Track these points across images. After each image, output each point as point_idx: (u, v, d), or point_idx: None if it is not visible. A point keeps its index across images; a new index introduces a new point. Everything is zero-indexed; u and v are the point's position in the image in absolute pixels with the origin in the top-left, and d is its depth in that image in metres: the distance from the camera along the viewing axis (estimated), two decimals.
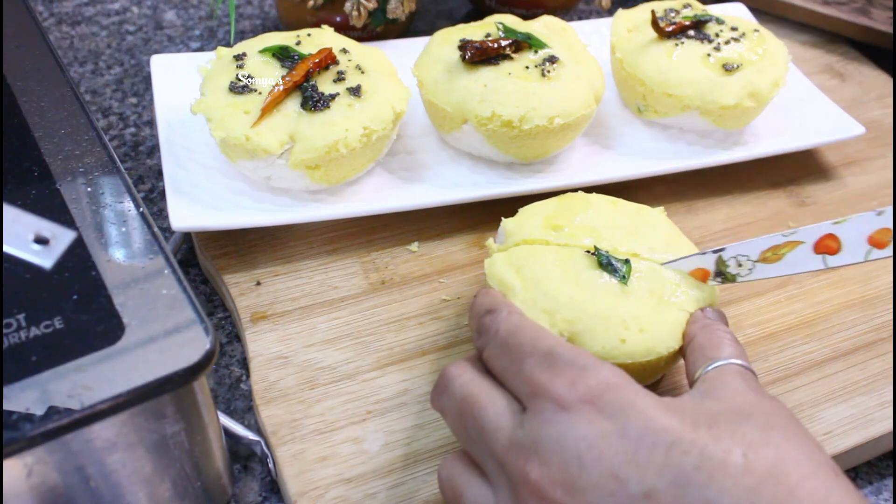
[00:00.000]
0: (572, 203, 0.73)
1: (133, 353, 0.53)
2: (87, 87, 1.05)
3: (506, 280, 0.66)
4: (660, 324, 0.64)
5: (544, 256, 0.67)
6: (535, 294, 0.65)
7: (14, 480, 0.51)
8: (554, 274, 0.66)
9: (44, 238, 0.58)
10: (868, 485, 0.72)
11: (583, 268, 0.66)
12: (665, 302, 0.66)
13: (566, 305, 0.64)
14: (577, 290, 0.65)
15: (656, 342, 0.64)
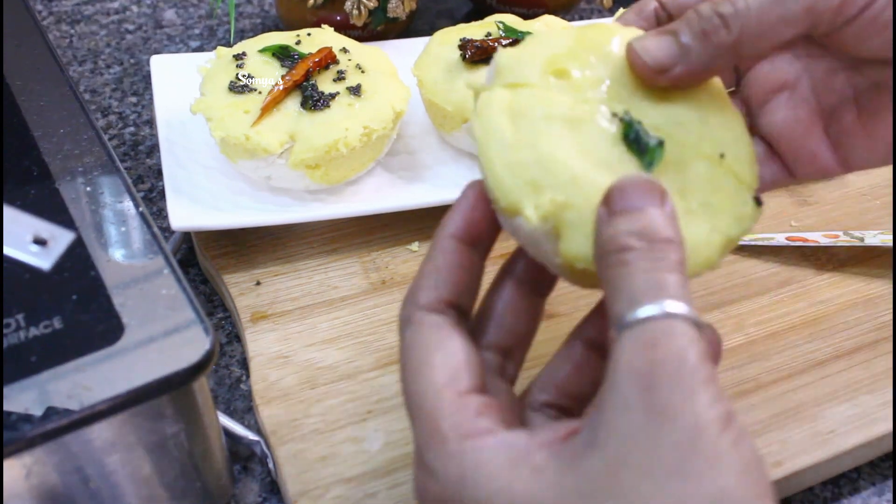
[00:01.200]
0: (597, 37, 0.55)
1: (133, 354, 0.53)
2: (87, 86, 1.05)
3: (493, 125, 0.51)
4: None
5: (554, 108, 0.51)
6: (525, 156, 0.49)
7: (13, 481, 0.51)
8: (560, 135, 0.50)
9: (43, 238, 0.58)
10: (871, 485, 0.71)
11: (600, 137, 0.51)
12: (693, 212, 0.50)
13: (563, 183, 0.48)
14: (584, 165, 0.49)
15: None
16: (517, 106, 0.51)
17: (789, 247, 0.84)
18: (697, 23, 0.50)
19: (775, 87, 0.58)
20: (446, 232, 0.51)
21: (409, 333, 0.50)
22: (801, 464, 0.67)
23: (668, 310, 0.42)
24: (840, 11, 0.48)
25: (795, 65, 0.57)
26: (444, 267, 0.50)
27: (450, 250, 0.51)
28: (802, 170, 0.57)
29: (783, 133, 0.57)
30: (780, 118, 0.57)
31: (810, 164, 0.56)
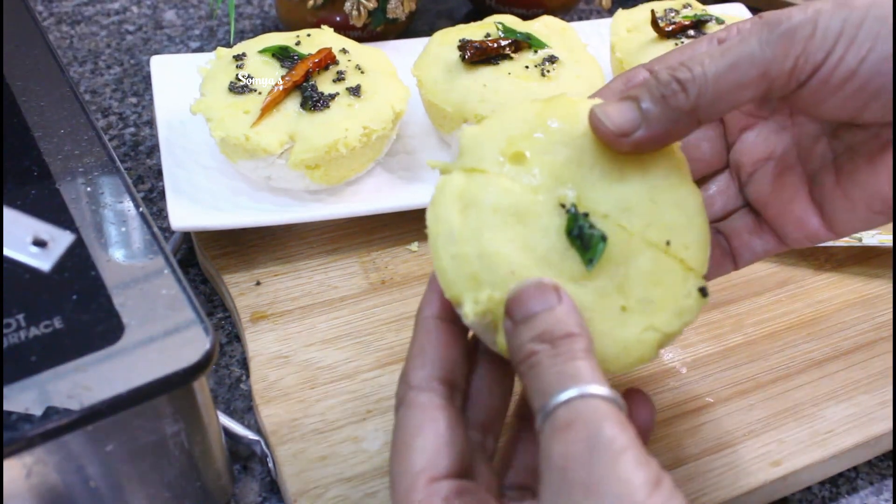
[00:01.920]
0: (558, 112, 0.55)
1: (133, 353, 0.53)
2: (87, 86, 1.05)
3: (443, 215, 0.52)
4: (610, 339, 0.50)
5: (504, 198, 0.51)
6: (469, 249, 0.50)
7: (14, 480, 0.51)
8: (505, 229, 0.50)
9: (42, 239, 0.58)
10: (869, 485, 0.71)
11: (546, 231, 0.51)
12: (630, 309, 0.50)
13: (501, 280, 0.49)
14: (525, 261, 0.50)
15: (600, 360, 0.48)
16: (469, 195, 0.52)
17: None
18: (657, 88, 0.51)
19: (763, 157, 0.60)
20: (425, 314, 0.55)
21: (399, 414, 0.52)
22: (799, 463, 0.68)
23: (575, 394, 0.44)
24: (792, 75, 0.50)
25: (781, 134, 0.59)
26: (429, 346, 0.53)
27: (432, 329, 0.54)
28: (792, 236, 0.58)
29: (770, 201, 0.59)
30: (767, 185, 0.59)
31: (798, 230, 0.57)
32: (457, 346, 0.54)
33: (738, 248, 0.60)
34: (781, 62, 0.49)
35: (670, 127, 0.51)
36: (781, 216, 0.58)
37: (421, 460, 0.49)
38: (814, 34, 0.49)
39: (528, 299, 0.48)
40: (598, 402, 0.44)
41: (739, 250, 0.60)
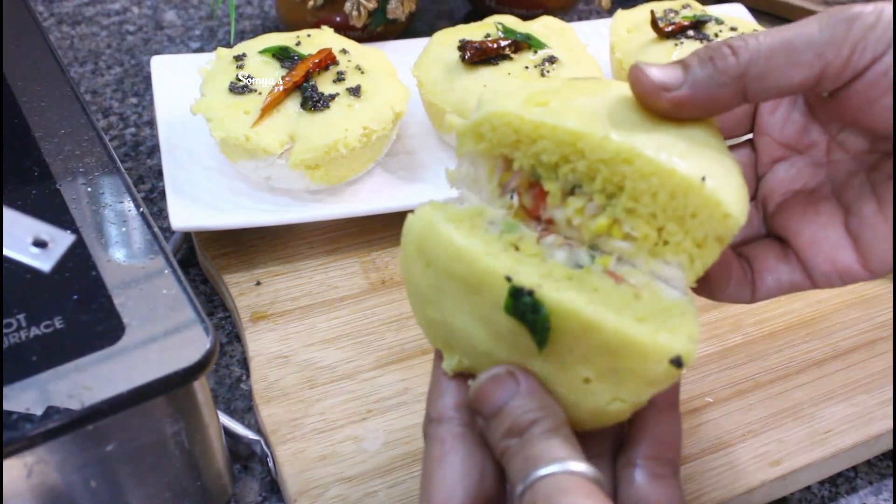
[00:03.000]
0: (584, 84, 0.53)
1: (133, 353, 0.53)
2: (88, 87, 1.05)
3: (411, 271, 0.52)
4: (579, 408, 0.49)
5: (455, 263, 0.49)
6: (435, 315, 0.51)
7: (14, 480, 0.51)
8: (460, 295, 0.49)
9: (43, 240, 0.58)
10: (868, 485, 0.72)
11: (497, 301, 0.48)
12: (598, 378, 0.48)
13: (467, 352, 0.51)
14: (482, 335, 0.49)
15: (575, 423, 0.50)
16: (427, 251, 0.50)
17: None
18: (706, 51, 0.49)
19: (794, 188, 0.57)
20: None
21: (426, 446, 0.53)
22: (798, 463, 0.68)
23: (534, 477, 0.45)
24: (848, 63, 0.47)
25: (816, 169, 0.56)
26: (443, 374, 0.53)
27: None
28: (821, 269, 0.54)
29: (802, 229, 0.55)
30: (799, 213, 0.56)
31: (829, 262, 0.54)
32: None
33: (762, 273, 0.56)
34: (839, 46, 0.47)
35: (714, 91, 0.48)
36: (813, 245, 0.54)
37: (438, 494, 0.50)
38: (876, 25, 0.47)
39: (489, 396, 0.49)
40: (560, 479, 0.45)
41: (762, 275, 0.56)
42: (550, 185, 0.50)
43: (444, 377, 0.53)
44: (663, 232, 0.48)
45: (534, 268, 0.48)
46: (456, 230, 0.49)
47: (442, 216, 0.51)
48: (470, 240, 0.49)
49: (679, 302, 0.48)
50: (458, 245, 0.48)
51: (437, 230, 0.50)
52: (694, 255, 0.48)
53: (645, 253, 0.49)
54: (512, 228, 0.51)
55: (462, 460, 0.50)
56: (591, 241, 0.50)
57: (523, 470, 0.46)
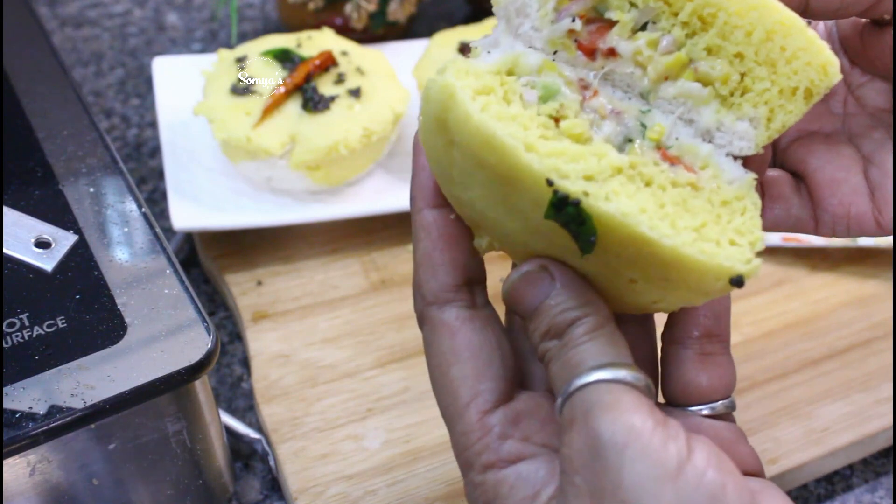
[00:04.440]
0: None
1: (135, 353, 0.53)
2: (90, 88, 1.06)
3: (431, 144, 0.45)
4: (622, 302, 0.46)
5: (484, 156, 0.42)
6: (462, 194, 0.45)
7: (17, 478, 0.51)
8: (489, 185, 0.43)
9: (46, 239, 0.59)
10: (864, 483, 0.72)
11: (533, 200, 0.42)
12: (641, 282, 0.43)
13: (500, 236, 0.46)
14: (517, 225, 0.44)
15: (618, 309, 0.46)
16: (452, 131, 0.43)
17: (784, 247, 0.84)
18: None
19: (809, 129, 0.53)
20: (420, 204, 0.48)
21: (425, 334, 0.48)
22: (795, 461, 0.68)
23: (575, 386, 0.42)
24: None
25: (831, 117, 0.53)
26: (434, 249, 0.47)
27: (431, 226, 0.48)
28: (832, 211, 0.51)
29: (822, 166, 0.51)
30: (819, 151, 0.52)
31: (843, 206, 0.51)
32: (462, 234, 0.48)
33: (772, 201, 0.52)
34: None
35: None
36: (831, 186, 0.51)
37: (465, 393, 0.46)
38: None
39: (523, 296, 0.45)
40: (601, 388, 0.41)
41: (772, 203, 0.52)
42: (621, 16, 0.45)
43: (438, 251, 0.47)
44: (746, 77, 0.44)
45: (576, 164, 0.41)
46: (485, 109, 0.42)
47: (468, 84, 0.43)
48: (503, 122, 0.42)
49: (741, 189, 0.44)
50: (489, 132, 0.41)
51: (464, 108, 0.41)
52: (776, 110, 0.44)
53: (717, 102, 0.44)
54: (551, 94, 0.45)
55: (480, 346, 0.46)
56: (656, 81, 0.45)
57: (563, 377, 0.42)
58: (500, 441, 0.45)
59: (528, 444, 0.45)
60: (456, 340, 0.46)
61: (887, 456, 0.74)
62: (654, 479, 0.38)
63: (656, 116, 0.45)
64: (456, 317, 0.47)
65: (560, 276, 0.44)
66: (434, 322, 0.47)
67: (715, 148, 0.45)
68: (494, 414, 0.45)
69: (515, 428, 0.45)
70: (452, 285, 0.47)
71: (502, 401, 0.46)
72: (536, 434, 0.46)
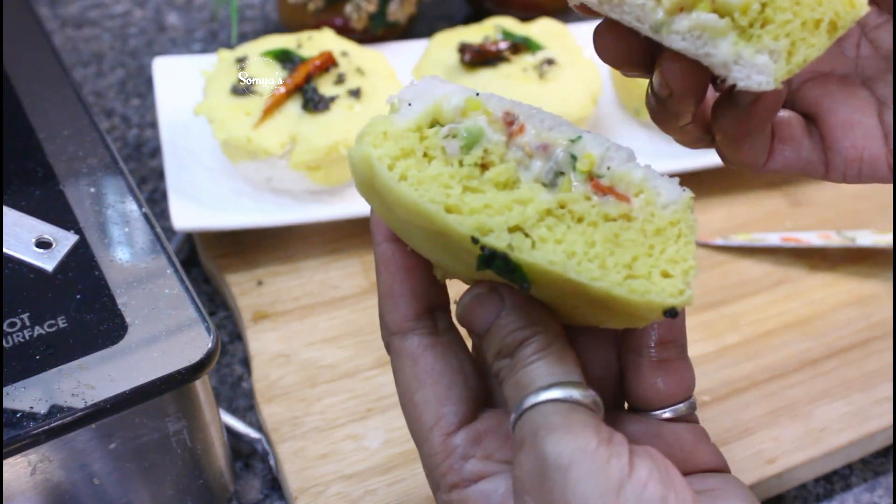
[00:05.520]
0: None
1: (136, 352, 0.54)
2: (91, 88, 1.06)
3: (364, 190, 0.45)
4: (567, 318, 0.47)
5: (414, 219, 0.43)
6: (404, 235, 0.46)
7: (19, 478, 0.52)
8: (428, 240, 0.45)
9: (47, 239, 0.59)
10: (862, 482, 0.72)
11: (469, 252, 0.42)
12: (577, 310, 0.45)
13: (445, 266, 0.47)
14: (461, 266, 0.45)
15: None
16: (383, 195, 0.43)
17: (783, 247, 0.85)
18: None
19: (822, 70, 0.52)
20: (379, 238, 0.49)
21: (392, 362, 0.49)
22: (794, 461, 0.68)
23: (525, 406, 0.43)
24: None
25: (844, 59, 0.52)
26: (394, 281, 0.49)
27: (391, 258, 0.49)
28: (844, 154, 0.50)
29: (835, 107, 0.50)
30: (834, 92, 0.51)
31: (856, 148, 0.49)
32: (420, 265, 0.48)
33: (783, 142, 0.51)
34: None
35: None
36: (845, 127, 0.50)
37: (428, 416, 0.47)
38: None
39: (475, 317, 0.46)
40: (547, 409, 0.42)
41: (783, 145, 0.51)
42: None
43: (398, 283, 0.48)
44: (768, 7, 0.42)
45: (504, 213, 0.42)
46: (404, 177, 0.43)
47: (387, 152, 0.43)
48: (424, 185, 0.42)
49: (676, 213, 0.43)
50: (411, 202, 0.42)
51: (385, 181, 0.42)
52: (798, 43, 0.42)
53: (735, 34, 0.43)
54: (475, 139, 0.44)
55: (442, 372, 0.48)
56: (670, 13, 0.43)
57: (514, 397, 0.44)
58: (463, 461, 0.46)
59: (490, 462, 0.46)
60: (418, 367, 0.48)
61: (886, 455, 0.74)
62: (598, 496, 0.39)
63: (587, 145, 0.44)
64: (418, 344, 0.48)
65: (509, 296, 0.45)
66: (398, 351, 0.49)
67: (648, 171, 0.44)
68: (457, 435, 0.47)
69: (478, 447, 0.47)
70: (413, 315, 0.48)
71: (465, 422, 0.47)
72: (498, 451, 0.47)
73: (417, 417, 0.48)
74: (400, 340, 0.48)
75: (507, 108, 0.45)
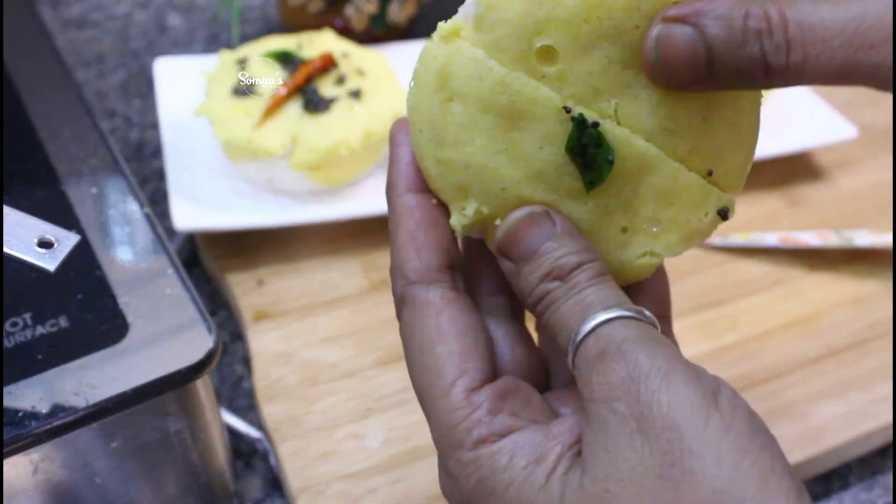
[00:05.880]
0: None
1: (137, 352, 0.54)
2: (93, 89, 1.06)
3: (425, 108, 0.45)
4: (606, 259, 0.46)
5: (497, 92, 0.43)
6: (453, 156, 0.45)
7: (20, 477, 0.52)
8: (494, 130, 0.43)
9: (49, 239, 0.59)
10: (860, 481, 0.72)
11: (545, 136, 0.43)
12: (633, 230, 0.45)
13: (490, 195, 0.45)
14: (517, 174, 0.44)
15: None
16: (456, 80, 0.43)
17: (782, 248, 0.85)
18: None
19: None
20: (402, 189, 0.48)
21: (406, 315, 0.47)
22: (792, 460, 0.68)
23: (600, 320, 0.41)
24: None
25: None
26: (418, 228, 0.46)
27: (416, 207, 0.47)
28: None
29: None
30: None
31: None
32: (445, 220, 0.47)
33: None
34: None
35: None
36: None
37: (450, 370, 0.44)
38: None
39: (523, 236, 0.44)
40: (626, 323, 0.41)
41: None
42: None
43: (423, 231, 0.46)
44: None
45: (588, 105, 0.43)
46: (492, 57, 0.43)
47: (467, 43, 0.43)
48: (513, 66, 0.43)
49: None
50: (501, 73, 0.42)
51: (470, 57, 0.43)
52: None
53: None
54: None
55: (466, 325, 0.45)
56: None
57: (578, 315, 0.42)
58: (490, 416, 0.44)
59: (518, 418, 0.44)
60: (442, 318, 0.45)
61: (884, 455, 0.74)
62: (700, 400, 0.38)
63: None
64: (441, 296, 0.46)
65: (561, 222, 0.44)
66: (418, 301, 0.46)
67: None
68: (481, 391, 0.45)
69: (503, 403, 0.44)
70: (437, 265, 0.46)
71: (487, 380, 0.45)
72: (522, 410, 0.45)
73: (437, 370, 0.45)
74: (421, 290, 0.46)
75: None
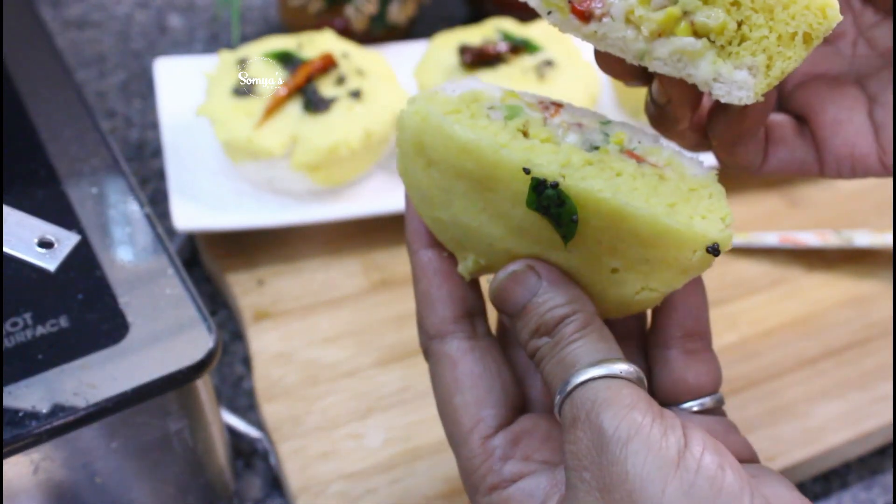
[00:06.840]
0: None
1: (137, 352, 0.54)
2: (93, 89, 1.06)
3: (411, 174, 0.48)
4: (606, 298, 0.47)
5: (462, 159, 0.45)
6: (443, 215, 0.47)
7: (21, 476, 0.52)
8: (470, 192, 0.46)
9: (49, 239, 0.59)
10: (859, 480, 0.73)
11: (513, 195, 0.44)
12: (626, 269, 0.46)
13: (482, 250, 0.47)
14: (498, 231, 0.46)
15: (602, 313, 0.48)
16: (428, 149, 0.46)
17: (781, 248, 0.85)
18: None
19: (816, 72, 0.53)
20: (415, 247, 0.51)
21: (430, 367, 0.50)
22: (791, 459, 0.69)
23: (575, 383, 0.43)
24: None
25: (839, 58, 0.53)
26: (432, 286, 0.50)
27: (428, 264, 0.50)
28: (836, 152, 0.51)
29: (825, 108, 0.51)
30: (823, 92, 0.52)
31: (847, 146, 0.50)
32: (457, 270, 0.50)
33: (777, 145, 0.52)
34: None
35: None
36: (834, 126, 0.51)
37: (467, 420, 0.48)
38: None
39: (510, 296, 0.46)
40: (599, 385, 0.42)
41: (777, 147, 0.52)
42: None
43: (436, 288, 0.49)
44: (743, 25, 0.43)
45: (550, 155, 0.44)
46: (457, 122, 0.45)
47: (439, 108, 0.45)
48: (475, 131, 0.44)
49: (705, 180, 0.46)
50: (464, 139, 0.44)
51: (437, 125, 0.45)
52: (774, 57, 0.43)
53: (713, 53, 0.43)
54: (515, 113, 0.47)
55: (480, 375, 0.48)
56: (650, 40, 0.43)
57: (560, 375, 0.44)
58: (502, 462, 0.47)
59: (529, 462, 0.47)
60: (457, 371, 0.49)
61: (883, 454, 0.74)
62: (658, 468, 0.40)
63: (617, 127, 0.47)
64: (457, 348, 0.49)
65: (546, 273, 0.46)
66: (437, 354, 0.49)
67: (674, 149, 0.47)
68: (496, 438, 0.47)
69: (516, 449, 0.47)
70: (451, 318, 0.49)
71: (503, 425, 0.48)
72: (536, 452, 0.47)
73: (456, 421, 0.48)
74: (439, 344, 0.49)
75: (541, 98, 0.48)
